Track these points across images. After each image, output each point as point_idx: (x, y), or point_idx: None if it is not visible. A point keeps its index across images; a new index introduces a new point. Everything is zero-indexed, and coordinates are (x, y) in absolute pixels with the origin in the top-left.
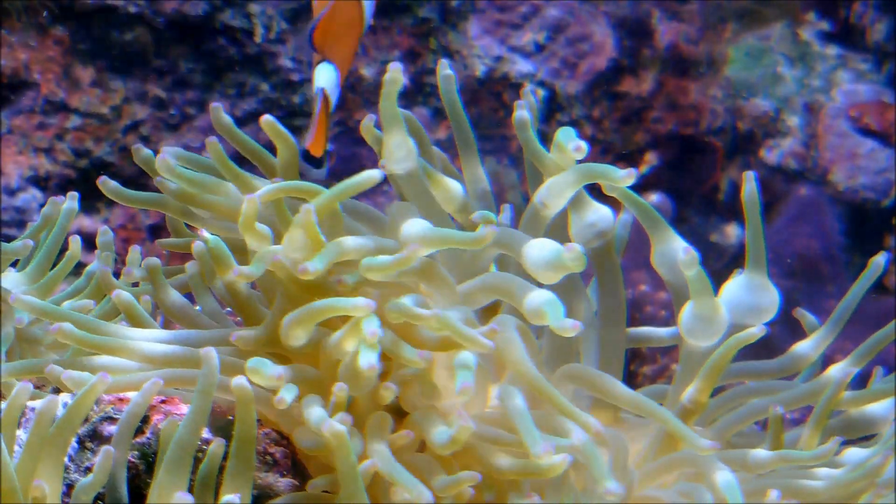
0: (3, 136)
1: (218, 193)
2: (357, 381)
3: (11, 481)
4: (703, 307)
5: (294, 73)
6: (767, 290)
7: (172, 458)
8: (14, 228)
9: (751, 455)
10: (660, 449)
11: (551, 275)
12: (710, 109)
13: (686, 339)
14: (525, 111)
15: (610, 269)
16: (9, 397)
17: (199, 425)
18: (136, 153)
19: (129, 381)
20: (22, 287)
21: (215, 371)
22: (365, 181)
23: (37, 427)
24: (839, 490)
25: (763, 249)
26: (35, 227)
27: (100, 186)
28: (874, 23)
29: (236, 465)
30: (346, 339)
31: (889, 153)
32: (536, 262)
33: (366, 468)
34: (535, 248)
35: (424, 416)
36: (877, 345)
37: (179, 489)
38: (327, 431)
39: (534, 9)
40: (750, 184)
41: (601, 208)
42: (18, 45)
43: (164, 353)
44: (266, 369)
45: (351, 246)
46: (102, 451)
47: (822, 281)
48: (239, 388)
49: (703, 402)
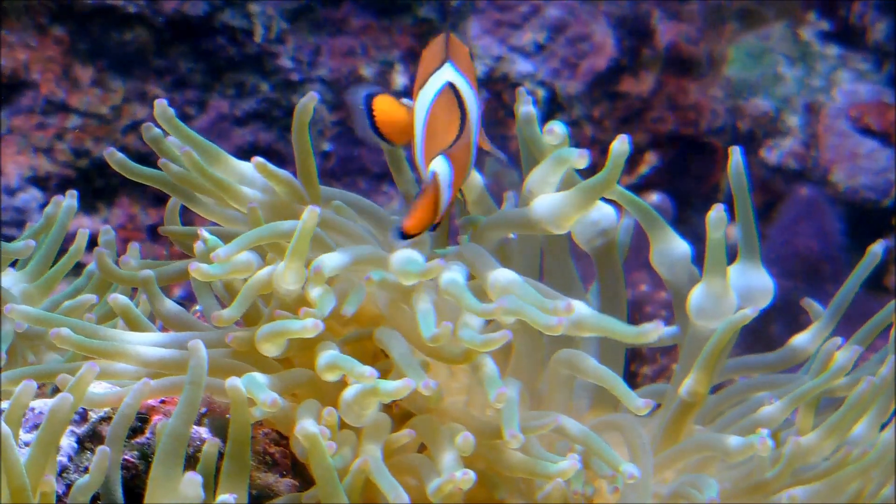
0: (3, 136)
1: (220, 173)
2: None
3: (21, 478)
4: (716, 285)
5: (294, 73)
6: (761, 275)
7: (165, 449)
8: (14, 228)
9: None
10: (660, 444)
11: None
12: (710, 109)
13: (695, 322)
14: (531, 106)
15: (611, 269)
16: (12, 396)
17: (191, 416)
18: (146, 131)
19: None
20: (22, 284)
21: (203, 362)
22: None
23: (48, 424)
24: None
25: (755, 235)
26: (37, 226)
27: (106, 158)
28: (874, 23)
29: (232, 466)
30: (329, 371)
31: (889, 153)
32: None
33: (357, 467)
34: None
35: (425, 422)
36: (874, 329)
37: (175, 481)
38: (299, 433)
39: (534, 9)
40: (735, 157)
41: (604, 206)
42: (18, 45)
43: (160, 357)
44: (259, 394)
45: (331, 266)
46: (98, 451)
47: (823, 281)
48: (233, 390)
49: (703, 392)
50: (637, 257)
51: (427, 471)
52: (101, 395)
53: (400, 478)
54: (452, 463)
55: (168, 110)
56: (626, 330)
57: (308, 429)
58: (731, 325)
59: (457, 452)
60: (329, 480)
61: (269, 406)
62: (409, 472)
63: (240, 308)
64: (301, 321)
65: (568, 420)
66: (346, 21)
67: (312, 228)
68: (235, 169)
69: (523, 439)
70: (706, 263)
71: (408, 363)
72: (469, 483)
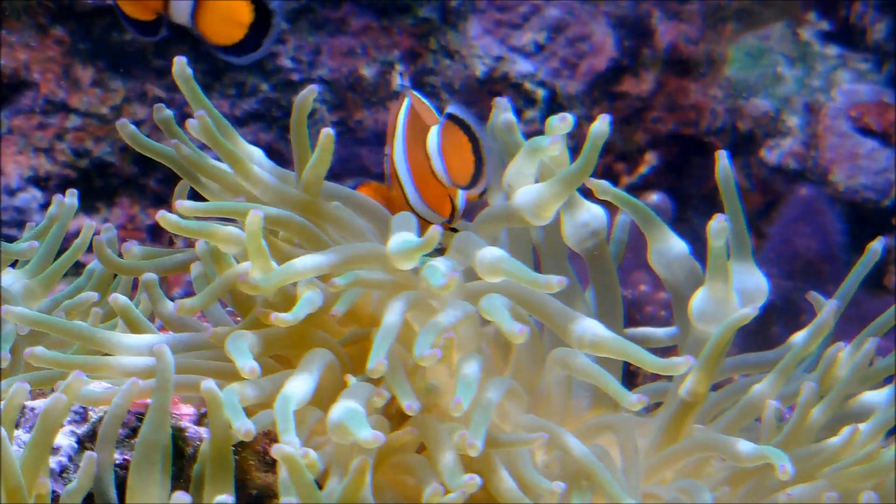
0: (3, 136)
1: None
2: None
3: (17, 478)
4: (718, 290)
5: (294, 73)
6: (754, 274)
7: (138, 457)
8: (14, 228)
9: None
10: (660, 444)
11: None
12: (710, 109)
13: (696, 326)
14: (510, 113)
15: (604, 269)
16: (6, 397)
17: (162, 422)
18: (158, 112)
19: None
20: (23, 281)
21: (170, 366)
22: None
23: (42, 424)
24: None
25: (746, 235)
26: (40, 227)
27: (118, 128)
28: (874, 23)
29: (213, 469)
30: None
31: (889, 153)
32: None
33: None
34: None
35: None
36: (876, 332)
37: (151, 488)
38: (275, 454)
39: (534, 9)
40: (723, 161)
41: (594, 207)
42: (18, 45)
43: (144, 367)
44: (235, 422)
45: (304, 267)
46: (85, 457)
47: (823, 281)
48: (207, 392)
49: (703, 392)
50: (636, 257)
51: (425, 472)
52: (99, 393)
53: (398, 477)
54: (452, 464)
55: (186, 70)
56: (649, 360)
57: (284, 450)
58: (731, 324)
59: (455, 452)
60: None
61: (242, 435)
62: (408, 471)
63: (203, 299)
64: (240, 361)
65: (571, 438)
66: (346, 21)
67: (257, 231)
68: (245, 148)
69: (481, 450)
70: (708, 269)
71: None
72: (475, 488)
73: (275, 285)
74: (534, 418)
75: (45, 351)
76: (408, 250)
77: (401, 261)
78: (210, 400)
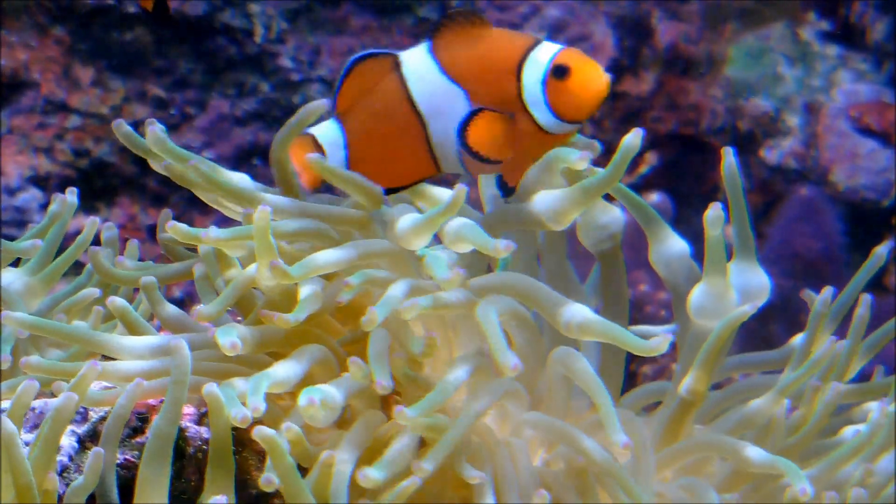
0: (3, 136)
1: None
2: None
3: (27, 476)
4: (716, 284)
5: (294, 73)
6: (757, 272)
7: (151, 449)
8: (14, 228)
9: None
10: (659, 443)
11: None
12: (710, 109)
13: (695, 321)
14: None
15: (616, 272)
16: (14, 395)
17: (176, 415)
18: (150, 125)
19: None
20: (24, 278)
21: (187, 360)
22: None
23: (53, 422)
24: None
25: (749, 233)
26: (40, 225)
27: (114, 129)
28: (874, 23)
29: (215, 471)
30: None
31: (889, 153)
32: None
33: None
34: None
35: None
36: (878, 342)
37: (161, 482)
38: (256, 436)
39: (534, 9)
40: (729, 158)
41: (612, 209)
42: (18, 45)
43: (142, 370)
44: (231, 408)
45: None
46: (92, 453)
47: (823, 281)
48: (209, 395)
49: (702, 391)
50: (637, 257)
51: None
52: (99, 393)
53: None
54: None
55: (160, 135)
56: (634, 342)
57: (265, 432)
58: (730, 322)
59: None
60: (294, 483)
61: (239, 422)
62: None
63: (220, 305)
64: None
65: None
66: (346, 21)
67: (265, 227)
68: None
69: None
70: (706, 262)
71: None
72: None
73: (301, 276)
74: (540, 416)
75: (39, 360)
76: (414, 228)
77: (408, 239)
78: (211, 402)
